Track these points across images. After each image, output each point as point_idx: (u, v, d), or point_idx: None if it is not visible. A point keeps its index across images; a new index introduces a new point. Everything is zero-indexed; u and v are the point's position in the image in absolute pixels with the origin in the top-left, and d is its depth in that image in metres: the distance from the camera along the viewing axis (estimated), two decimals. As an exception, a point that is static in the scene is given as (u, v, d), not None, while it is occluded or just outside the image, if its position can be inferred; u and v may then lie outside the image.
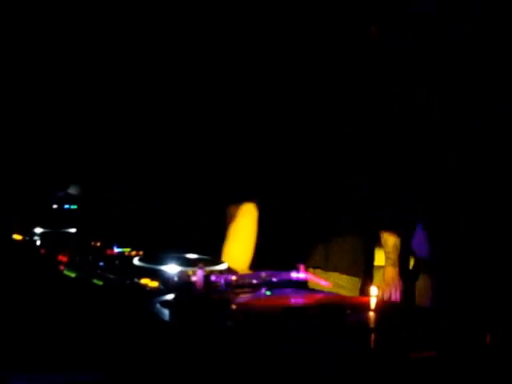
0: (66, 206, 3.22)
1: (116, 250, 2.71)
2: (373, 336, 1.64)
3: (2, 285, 2.44)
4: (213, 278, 1.96)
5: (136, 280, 2.06)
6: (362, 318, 1.73)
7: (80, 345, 2.04)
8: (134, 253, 2.67)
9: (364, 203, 3.35)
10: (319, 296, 1.99)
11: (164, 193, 3.71)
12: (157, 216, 3.53)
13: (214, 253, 2.71)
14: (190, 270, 2.00)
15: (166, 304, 1.81)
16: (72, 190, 3.42)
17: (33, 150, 3.99)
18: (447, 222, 3.59)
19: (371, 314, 1.78)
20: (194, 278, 1.89)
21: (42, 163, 3.89)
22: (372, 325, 1.75)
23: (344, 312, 1.73)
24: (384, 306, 1.94)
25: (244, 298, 1.91)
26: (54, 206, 3.20)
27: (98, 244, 2.82)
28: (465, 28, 3.80)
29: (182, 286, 1.90)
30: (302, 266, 2.14)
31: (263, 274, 2.15)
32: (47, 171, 3.79)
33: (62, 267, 2.20)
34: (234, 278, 2.05)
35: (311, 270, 3.07)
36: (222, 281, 1.97)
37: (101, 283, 2.00)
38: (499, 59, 3.71)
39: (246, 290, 2.02)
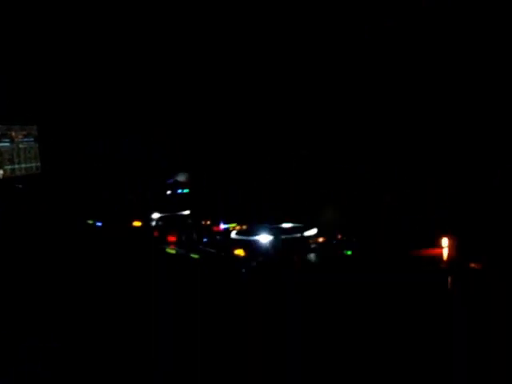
0: (179, 191, 3.48)
1: (222, 226, 2.91)
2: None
3: (119, 265, 2.72)
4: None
5: (229, 252, 2.23)
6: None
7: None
8: (237, 228, 2.87)
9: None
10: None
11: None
12: (255, 191, 3.70)
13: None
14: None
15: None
16: (180, 178, 3.68)
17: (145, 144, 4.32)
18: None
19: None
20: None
21: (153, 155, 4.20)
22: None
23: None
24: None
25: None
26: (168, 192, 3.47)
27: (208, 222, 3.04)
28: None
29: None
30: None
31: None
32: (159, 161, 4.09)
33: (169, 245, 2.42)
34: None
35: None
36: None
37: (197, 256, 2.20)
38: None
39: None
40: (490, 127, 3.55)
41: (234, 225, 2.98)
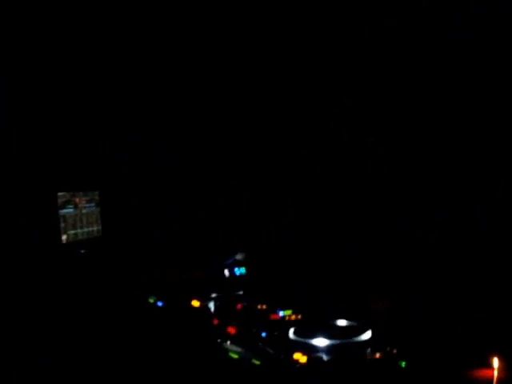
0: (236, 270, 3.61)
1: (280, 313, 3.02)
2: None
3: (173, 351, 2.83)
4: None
5: (289, 355, 2.33)
6: None
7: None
8: (293, 317, 2.97)
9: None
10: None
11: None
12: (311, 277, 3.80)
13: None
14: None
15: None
16: (239, 257, 3.80)
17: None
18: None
19: None
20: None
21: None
22: None
23: None
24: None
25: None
26: (226, 272, 3.60)
27: (264, 307, 3.15)
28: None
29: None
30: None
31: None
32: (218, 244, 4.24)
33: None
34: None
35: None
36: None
37: (258, 363, 2.31)
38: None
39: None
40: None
41: (289, 312, 3.08)
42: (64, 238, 4.26)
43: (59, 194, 4.25)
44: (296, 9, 4.40)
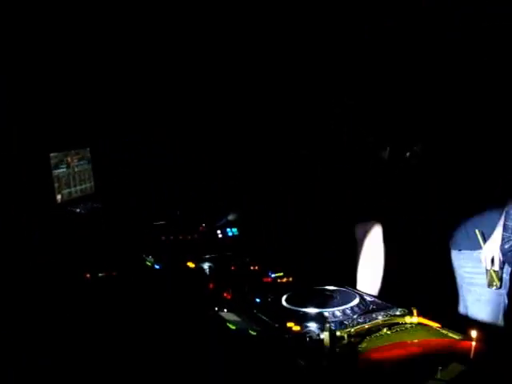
0: (229, 231, 3.75)
1: (271, 275, 3.18)
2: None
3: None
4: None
5: (283, 324, 2.50)
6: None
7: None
8: (284, 279, 3.14)
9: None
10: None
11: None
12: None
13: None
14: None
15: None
16: (231, 217, 3.94)
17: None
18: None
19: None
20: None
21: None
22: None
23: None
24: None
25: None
26: (219, 233, 3.74)
27: (256, 268, 3.31)
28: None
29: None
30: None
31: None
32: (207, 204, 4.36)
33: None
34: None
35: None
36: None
37: (255, 333, 2.49)
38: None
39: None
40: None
41: (281, 274, 3.25)
42: (58, 197, 4.38)
43: (51, 154, 4.33)
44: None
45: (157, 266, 3.49)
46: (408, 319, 2.52)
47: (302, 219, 4.06)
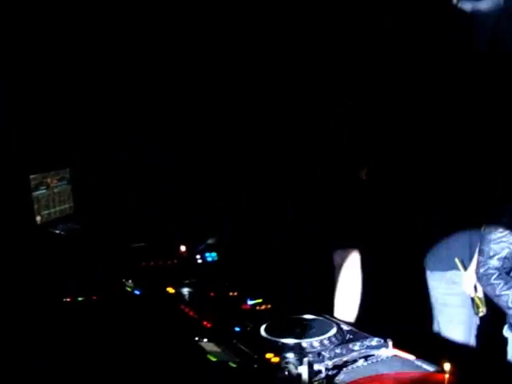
0: (208, 256, 3.80)
1: (249, 302, 3.23)
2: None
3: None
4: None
5: (262, 355, 2.55)
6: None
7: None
8: (263, 306, 3.19)
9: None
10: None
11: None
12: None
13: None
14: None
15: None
16: (210, 241, 3.98)
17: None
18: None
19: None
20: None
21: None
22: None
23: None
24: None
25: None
26: (198, 258, 3.79)
27: (235, 294, 3.36)
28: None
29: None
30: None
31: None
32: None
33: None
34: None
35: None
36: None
37: (234, 365, 2.54)
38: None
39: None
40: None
41: (259, 300, 3.30)
42: (38, 219, 4.39)
43: (31, 176, 4.35)
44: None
45: (137, 292, 3.52)
46: (383, 351, 2.59)
47: (280, 244, 4.11)
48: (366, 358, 2.58)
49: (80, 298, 3.64)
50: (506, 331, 3.36)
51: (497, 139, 3.74)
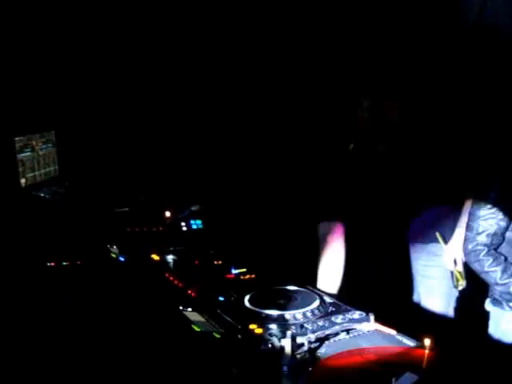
0: (193, 223, 3.80)
1: (234, 271, 3.26)
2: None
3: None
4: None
5: (245, 325, 2.58)
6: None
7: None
8: (247, 276, 3.22)
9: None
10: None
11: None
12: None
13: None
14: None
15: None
16: (194, 208, 3.98)
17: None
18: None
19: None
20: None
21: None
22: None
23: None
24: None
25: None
26: (183, 225, 3.79)
27: (220, 262, 3.39)
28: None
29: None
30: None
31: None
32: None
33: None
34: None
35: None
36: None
37: (218, 336, 2.57)
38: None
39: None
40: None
41: (243, 270, 3.32)
42: (23, 181, 4.36)
43: (16, 138, 4.31)
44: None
45: (121, 258, 3.53)
46: (365, 325, 2.63)
47: (267, 213, 4.12)
48: (347, 331, 2.61)
49: (64, 263, 3.64)
50: (487, 305, 3.40)
51: (483, 114, 3.75)
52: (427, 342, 2.37)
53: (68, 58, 4.72)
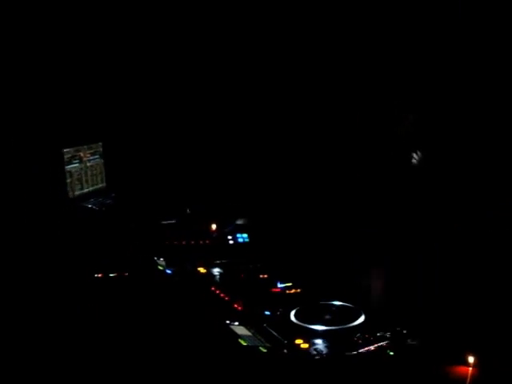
0: (239, 237, 3.83)
1: (279, 285, 3.27)
2: None
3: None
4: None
5: (291, 340, 2.59)
6: None
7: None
8: (293, 290, 3.23)
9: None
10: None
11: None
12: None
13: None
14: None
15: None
16: (240, 221, 4.01)
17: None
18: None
19: None
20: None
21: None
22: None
23: None
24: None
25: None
26: (229, 239, 3.82)
27: (266, 276, 3.40)
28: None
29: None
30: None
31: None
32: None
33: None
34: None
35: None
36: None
37: (265, 350, 2.58)
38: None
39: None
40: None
41: (289, 284, 3.33)
42: (70, 193, 4.45)
43: (64, 150, 4.40)
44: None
45: (168, 271, 3.57)
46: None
47: (312, 228, 4.12)
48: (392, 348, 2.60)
49: (111, 274, 3.69)
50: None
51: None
52: (471, 359, 2.34)
53: (116, 71, 4.79)
